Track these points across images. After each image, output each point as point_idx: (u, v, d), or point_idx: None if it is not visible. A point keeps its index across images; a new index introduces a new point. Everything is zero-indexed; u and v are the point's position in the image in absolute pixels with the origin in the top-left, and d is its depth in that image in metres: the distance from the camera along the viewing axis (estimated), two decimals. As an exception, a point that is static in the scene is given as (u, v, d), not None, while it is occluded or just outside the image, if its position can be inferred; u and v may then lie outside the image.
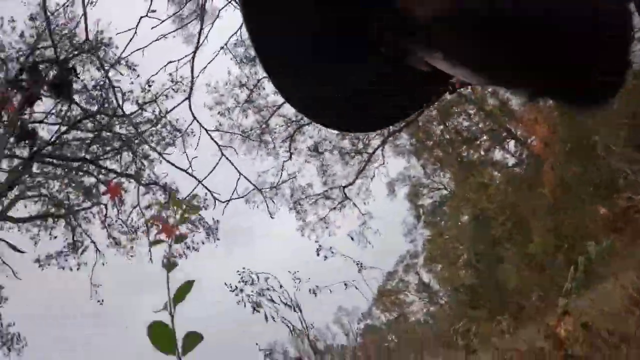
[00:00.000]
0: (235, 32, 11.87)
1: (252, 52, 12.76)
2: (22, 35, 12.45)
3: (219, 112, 12.36)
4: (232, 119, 12.33)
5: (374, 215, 14.17)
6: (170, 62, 11.09)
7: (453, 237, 18.80)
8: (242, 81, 12.58)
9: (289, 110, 12.11)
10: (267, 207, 11.98)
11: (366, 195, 13.90)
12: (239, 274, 8.20)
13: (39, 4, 11.75)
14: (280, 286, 8.43)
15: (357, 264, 11.24)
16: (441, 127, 17.00)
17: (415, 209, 19.14)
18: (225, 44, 11.82)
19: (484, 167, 19.15)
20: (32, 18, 12.55)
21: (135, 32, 10.31)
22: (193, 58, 11.02)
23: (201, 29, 11.03)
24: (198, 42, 11.03)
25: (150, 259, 11.96)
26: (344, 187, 13.32)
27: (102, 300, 11.72)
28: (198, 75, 11.38)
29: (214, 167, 11.00)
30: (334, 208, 13.31)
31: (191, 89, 11.06)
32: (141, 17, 10.37)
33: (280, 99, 11.78)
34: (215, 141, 11.30)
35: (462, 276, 18.93)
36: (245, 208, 12.90)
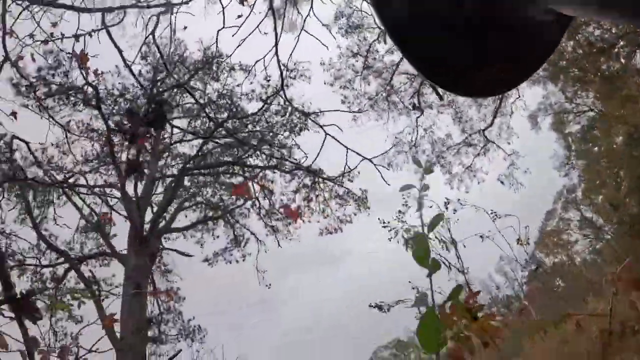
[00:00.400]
0: (308, 14, 11.22)
1: (355, 21, 12.38)
2: (140, 74, 13.36)
3: (340, 87, 12.23)
4: (355, 89, 12.12)
5: (521, 154, 13.17)
6: (257, 61, 11.30)
7: (609, 162, 16.77)
8: (353, 50, 12.29)
9: (409, 66, 11.48)
10: (381, 175, 11.36)
11: (508, 134, 12.96)
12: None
13: (146, 43, 12.49)
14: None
15: (492, 213, 10.15)
16: (571, 42, 15.14)
17: (564, 139, 17.37)
18: (302, 31, 11.21)
19: (627, 77, 16.83)
20: (143, 57, 13.41)
21: (217, 47, 10.42)
22: (276, 52, 10.67)
23: (275, 23, 10.62)
24: (276, 37, 10.56)
25: (279, 244, 12.36)
26: (483, 130, 12.53)
27: (270, 285, 12.34)
28: (287, 65, 11.18)
29: (320, 149, 10.86)
30: (478, 154, 12.57)
31: (282, 82, 10.90)
32: (218, 31, 10.46)
33: (397, 58, 11.25)
34: (317, 123, 11.31)
35: (625, 205, 16.86)
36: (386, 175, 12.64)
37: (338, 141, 10.74)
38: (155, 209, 12.33)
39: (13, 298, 2.78)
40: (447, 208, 10.82)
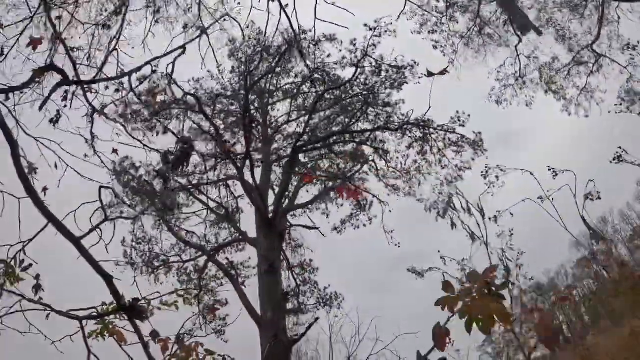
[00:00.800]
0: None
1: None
2: (232, 70, 14.02)
3: (428, 32, 12.00)
4: (445, 31, 11.83)
5: (639, 64, 11.94)
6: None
7: None
8: (433, -9, 11.93)
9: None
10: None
11: (620, 44, 11.83)
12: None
13: (229, 41, 13.04)
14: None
15: (550, 169, 8.84)
16: None
17: (684, 36, 15.48)
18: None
19: None
20: (231, 55, 14.05)
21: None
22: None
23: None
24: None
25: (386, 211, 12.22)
26: (591, 44, 11.59)
27: (399, 243, 12.69)
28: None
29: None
30: (591, 72, 11.70)
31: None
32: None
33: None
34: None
35: None
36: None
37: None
38: (276, 190, 13.07)
39: (123, 306, 3.52)
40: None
